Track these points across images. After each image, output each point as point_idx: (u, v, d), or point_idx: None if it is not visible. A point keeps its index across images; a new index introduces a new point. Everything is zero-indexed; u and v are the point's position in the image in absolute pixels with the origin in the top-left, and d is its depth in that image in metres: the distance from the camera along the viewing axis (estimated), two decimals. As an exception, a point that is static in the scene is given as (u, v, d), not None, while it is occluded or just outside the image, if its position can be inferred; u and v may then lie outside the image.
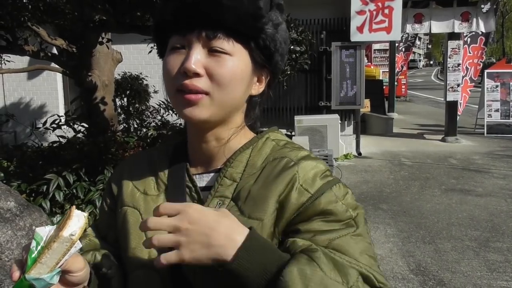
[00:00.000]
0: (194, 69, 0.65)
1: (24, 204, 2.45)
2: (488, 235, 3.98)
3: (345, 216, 0.67)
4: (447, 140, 8.42)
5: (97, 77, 3.87)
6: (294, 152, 0.73)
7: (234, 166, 0.73)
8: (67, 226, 0.57)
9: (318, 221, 0.66)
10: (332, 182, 0.69)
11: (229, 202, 0.70)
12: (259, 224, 0.66)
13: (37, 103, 7.71)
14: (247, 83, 0.72)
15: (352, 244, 0.64)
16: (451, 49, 8.15)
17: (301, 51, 4.03)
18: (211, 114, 0.68)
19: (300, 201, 0.66)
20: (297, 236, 0.65)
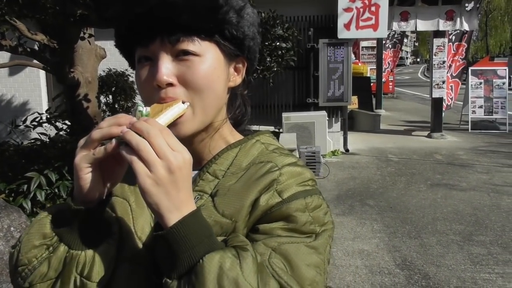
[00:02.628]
0: (166, 80, 0.63)
1: (2, 205, 2.39)
2: (472, 229, 4.03)
3: (307, 229, 0.64)
4: (432, 136, 8.51)
5: (80, 74, 3.80)
6: (281, 157, 0.71)
7: (219, 163, 0.71)
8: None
9: (279, 225, 0.64)
10: (309, 192, 0.67)
11: (207, 197, 0.68)
12: (232, 224, 0.65)
13: (19, 100, 7.55)
14: (224, 79, 0.69)
15: (301, 253, 0.62)
16: (436, 47, 8.23)
17: (287, 48, 4.02)
18: (197, 125, 0.67)
19: (269, 203, 0.65)
20: (253, 234, 0.64)
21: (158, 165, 0.53)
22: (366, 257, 3.52)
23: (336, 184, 5.65)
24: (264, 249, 0.61)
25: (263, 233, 0.63)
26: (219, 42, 0.67)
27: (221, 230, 0.64)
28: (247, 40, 0.70)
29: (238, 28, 0.68)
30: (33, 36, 3.21)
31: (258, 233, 0.64)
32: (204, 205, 0.67)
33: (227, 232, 0.64)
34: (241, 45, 0.70)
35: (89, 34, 3.35)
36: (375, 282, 3.12)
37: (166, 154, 0.54)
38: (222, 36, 0.67)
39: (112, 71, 5.96)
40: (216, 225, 0.64)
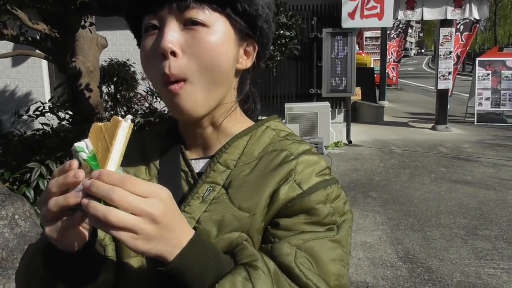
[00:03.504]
0: (170, 48, 0.59)
1: (6, 193, 2.38)
2: (477, 223, 4.00)
3: (329, 220, 0.64)
4: (437, 128, 8.44)
5: (81, 63, 3.76)
6: (295, 145, 0.69)
7: (229, 152, 0.68)
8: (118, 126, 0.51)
9: (300, 219, 0.62)
10: (328, 181, 0.66)
11: (219, 189, 0.65)
12: (249, 217, 0.63)
13: (23, 91, 7.55)
14: (233, 57, 0.65)
15: (326, 249, 0.62)
16: (443, 37, 8.11)
17: (291, 36, 3.96)
18: (198, 102, 0.63)
19: (289, 196, 0.63)
20: (273, 230, 0.63)
21: (139, 224, 0.48)
22: (369, 249, 3.51)
23: (339, 175, 5.62)
24: (289, 249, 0.60)
25: (285, 229, 0.62)
26: (230, 16, 0.63)
27: (238, 224, 0.63)
28: (260, 20, 0.66)
29: (251, 3, 0.64)
30: (34, 26, 3.17)
31: (279, 229, 0.63)
32: (218, 198, 0.64)
33: (244, 226, 0.62)
34: (253, 24, 0.66)
35: (89, 23, 3.31)
36: (377, 274, 3.11)
37: (142, 208, 0.48)
38: (234, 10, 0.63)
39: (114, 61, 5.92)
40: (233, 219, 0.63)
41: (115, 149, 0.51)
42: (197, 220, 0.63)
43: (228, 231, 0.62)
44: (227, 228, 0.62)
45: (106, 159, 0.50)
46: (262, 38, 0.69)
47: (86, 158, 0.51)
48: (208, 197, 0.65)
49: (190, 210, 0.64)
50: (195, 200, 0.65)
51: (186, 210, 0.64)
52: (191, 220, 0.63)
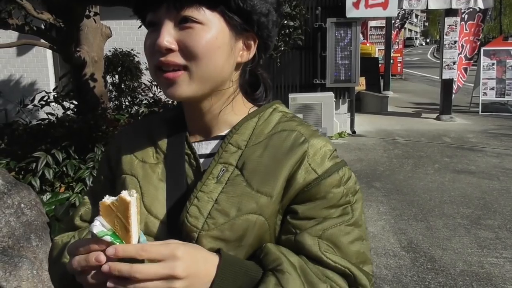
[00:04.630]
0: (165, 45, 0.63)
1: (12, 182, 2.41)
2: (480, 213, 4.01)
3: (343, 201, 0.68)
4: (441, 118, 8.41)
5: (86, 53, 3.77)
6: (304, 127, 0.72)
7: (240, 133, 0.71)
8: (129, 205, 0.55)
9: (318, 205, 0.66)
10: (339, 164, 0.69)
11: (233, 169, 0.68)
12: (268, 200, 0.66)
13: (27, 80, 7.57)
14: (227, 52, 0.68)
15: (344, 234, 0.67)
16: (448, 26, 8.03)
17: (295, 26, 3.94)
18: (193, 90, 0.67)
19: (306, 180, 0.66)
20: (293, 220, 0.67)
21: (166, 286, 0.54)
22: (372, 239, 3.53)
23: (343, 166, 5.62)
24: (311, 240, 0.65)
25: (304, 218, 0.66)
26: (225, 13, 0.66)
27: (256, 206, 0.66)
28: (256, 15, 0.68)
29: (246, 0, 0.66)
30: (39, 15, 3.17)
31: (299, 219, 0.67)
32: (233, 179, 0.67)
33: (262, 209, 0.66)
34: (249, 19, 0.68)
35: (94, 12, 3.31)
36: (380, 264, 3.14)
37: (163, 273, 0.54)
38: (228, 8, 0.66)
39: (118, 51, 5.91)
40: (252, 201, 0.66)
41: (133, 226, 0.56)
42: (215, 200, 0.66)
43: (246, 212, 0.65)
44: (246, 209, 0.66)
45: (128, 237, 0.55)
46: (261, 31, 0.70)
47: (110, 241, 0.55)
48: (223, 178, 0.68)
49: (207, 189, 0.67)
50: (210, 180, 0.68)
51: (203, 190, 0.67)
52: (209, 200, 0.66)
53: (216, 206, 0.66)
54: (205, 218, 0.66)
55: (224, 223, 0.65)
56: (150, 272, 0.53)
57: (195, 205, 0.67)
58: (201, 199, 0.67)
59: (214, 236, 0.65)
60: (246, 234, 0.66)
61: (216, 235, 0.65)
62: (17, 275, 2.08)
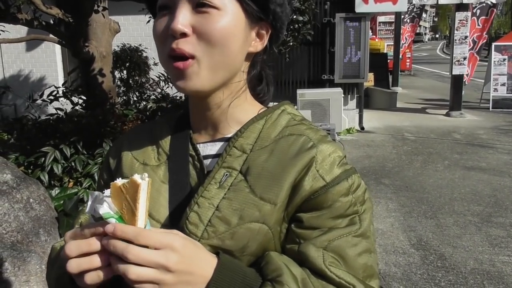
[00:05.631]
0: (180, 29, 0.60)
1: (21, 177, 2.42)
2: (491, 210, 3.96)
3: (351, 210, 0.64)
4: (451, 114, 8.31)
5: (95, 48, 3.77)
6: (313, 131, 0.68)
7: (245, 136, 0.67)
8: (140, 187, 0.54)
9: (324, 215, 0.63)
10: (349, 172, 0.65)
11: (237, 174, 0.65)
12: (272, 207, 0.63)
13: (36, 76, 7.61)
14: (242, 40, 0.65)
15: (351, 246, 0.63)
16: (458, 21, 7.92)
17: (304, 21, 3.90)
18: (204, 82, 0.64)
19: (313, 188, 0.63)
20: (298, 229, 0.63)
21: (157, 276, 0.52)
22: (381, 236, 3.50)
23: (351, 162, 5.46)
24: (316, 252, 0.61)
25: (309, 227, 0.63)
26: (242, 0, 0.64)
27: (259, 214, 0.63)
28: (273, 4, 0.66)
29: None
30: (48, 10, 3.16)
31: (304, 228, 0.63)
32: (236, 185, 0.64)
33: (266, 217, 0.62)
34: (266, 7, 0.66)
35: (102, 7, 3.30)
36: (389, 261, 3.11)
37: (156, 261, 0.52)
38: None
39: (126, 46, 5.91)
40: (255, 209, 0.62)
41: (140, 211, 0.54)
42: (216, 207, 0.63)
43: (248, 221, 0.62)
44: (248, 218, 0.62)
45: (134, 222, 0.54)
46: (276, 21, 0.68)
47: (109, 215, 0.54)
48: (225, 183, 0.65)
49: (208, 195, 0.64)
50: (212, 185, 0.65)
51: (204, 195, 0.64)
52: (210, 207, 0.63)
53: (217, 213, 0.63)
54: (205, 226, 0.63)
55: (224, 232, 0.62)
56: (142, 256, 0.51)
57: (195, 212, 0.64)
58: (202, 205, 0.64)
59: (214, 245, 0.62)
60: (248, 243, 0.62)
61: (216, 244, 0.62)
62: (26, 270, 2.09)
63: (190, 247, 0.56)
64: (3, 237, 2.13)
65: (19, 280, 2.05)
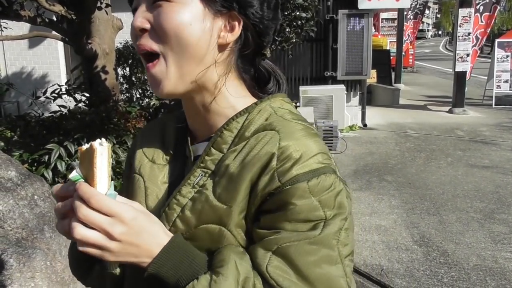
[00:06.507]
0: (138, 25, 0.62)
1: (25, 174, 2.43)
2: (494, 207, 3.96)
3: (313, 216, 0.57)
4: (454, 111, 8.29)
5: (97, 45, 3.76)
6: (290, 124, 0.63)
7: (224, 136, 0.65)
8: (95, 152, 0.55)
9: (280, 217, 0.58)
10: (315, 172, 0.58)
11: (209, 175, 0.64)
12: (226, 209, 0.60)
13: (39, 73, 7.62)
14: (200, 29, 0.62)
15: (303, 252, 0.57)
16: (461, 17, 7.89)
17: (307, 18, 3.89)
18: (174, 80, 0.63)
19: (267, 189, 0.58)
20: (256, 228, 0.61)
21: (101, 240, 0.54)
22: (384, 233, 3.50)
23: (354, 159, 5.60)
24: (263, 253, 0.58)
25: (264, 227, 0.59)
26: None
27: (215, 216, 0.61)
28: None
29: None
30: (50, 7, 3.16)
31: (260, 227, 0.60)
32: (204, 186, 0.63)
33: (222, 219, 0.60)
34: None
35: (106, 4, 3.30)
36: (392, 257, 3.11)
37: (102, 226, 0.54)
38: None
39: (129, 43, 5.91)
40: (210, 210, 0.61)
41: (98, 175, 0.55)
42: (182, 208, 0.63)
43: (205, 222, 0.61)
44: (205, 219, 0.61)
45: (93, 185, 0.55)
46: (245, 9, 0.64)
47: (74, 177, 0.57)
48: (197, 184, 0.64)
49: (180, 197, 0.64)
50: (186, 187, 0.64)
51: (176, 196, 0.64)
52: (177, 208, 0.64)
53: (180, 214, 0.63)
54: (169, 227, 0.63)
55: (185, 233, 0.62)
56: (90, 217, 0.53)
57: (164, 213, 0.64)
58: (171, 207, 0.64)
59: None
60: (208, 245, 0.61)
61: None
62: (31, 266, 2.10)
63: (141, 220, 0.56)
64: (8, 233, 2.15)
65: (24, 277, 2.06)
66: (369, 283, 2.84)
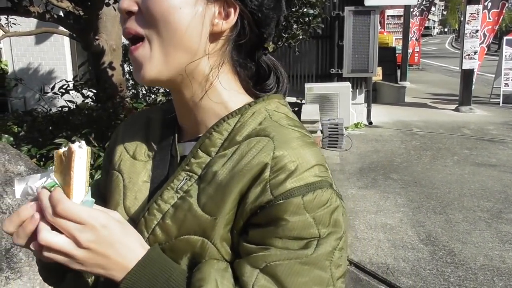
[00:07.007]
0: (125, 8, 0.58)
1: (34, 169, 2.44)
2: (501, 207, 3.93)
3: (306, 233, 0.53)
4: (460, 109, 8.24)
5: (105, 41, 3.78)
6: (285, 131, 0.58)
7: (213, 138, 0.60)
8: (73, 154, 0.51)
9: (270, 233, 0.54)
10: (311, 186, 0.54)
11: (195, 180, 0.59)
12: (211, 221, 0.55)
13: (45, 69, 7.66)
14: (191, 14, 0.57)
15: (293, 273, 0.53)
16: (469, 14, 7.82)
17: (315, 15, 3.87)
18: (158, 66, 0.58)
19: (258, 202, 0.54)
20: (243, 242, 0.56)
21: (67, 247, 0.50)
22: (389, 231, 3.49)
23: (359, 157, 5.58)
24: (249, 271, 0.53)
25: (253, 242, 0.55)
26: None
27: (198, 227, 0.56)
28: None
29: None
30: (58, 3, 3.18)
31: (247, 242, 0.55)
32: (189, 192, 0.58)
33: (206, 231, 0.56)
34: None
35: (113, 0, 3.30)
36: (398, 256, 3.11)
37: (70, 232, 0.50)
38: None
39: (135, 39, 5.90)
40: (194, 221, 0.56)
41: (75, 180, 0.52)
42: (163, 215, 0.58)
43: (186, 233, 0.57)
44: (187, 230, 0.56)
45: (69, 191, 0.52)
46: None
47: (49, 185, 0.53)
48: (181, 188, 0.59)
49: (161, 202, 0.59)
50: (168, 191, 0.59)
51: (157, 202, 0.59)
52: (158, 214, 0.59)
53: (161, 221, 0.58)
54: (148, 234, 0.58)
55: (164, 243, 0.57)
56: (58, 221, 0.50)
57: (144, 218, 0.59)
58: (151, 212, 0.59)
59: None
60: (189, 257, 0.57)
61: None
62: (40, 260, 2.13)
63: (114, 230, 0.52)
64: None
65: (33, 270, 2.08)
66: (374, 281, 2.83)
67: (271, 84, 0.67)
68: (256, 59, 0.67)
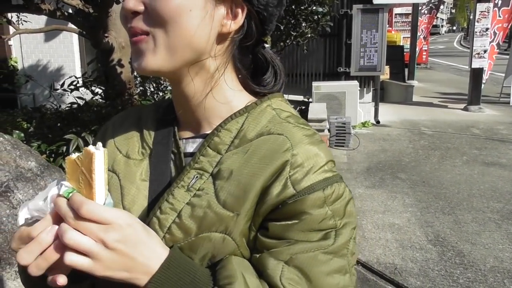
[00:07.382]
0: (131, 8, 0.56)
1: (45, 164, 2.46)
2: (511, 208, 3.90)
3: (326, 225, 0.57)
4: (469, 109, 8.17)
5: (114, 39, 3.79)
6: (296, 130, 0.60)
7: (222, 135, 0.60)
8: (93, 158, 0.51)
9: (292, 226, 0.56)
10: (329, 180, 0.57)
11: (207, 177, 0.59)
12: (233, 217, 0.56)
13: (54, 66, 7.71)
14: (200, 16, 0.57)
15: (319, 263, 0.56)
16: (479, 12, 7.74)
17: (323, 13, 3.85)
18: (160, 61, 0.57)
19: (281, 197, 0.56)
20: (264, 237, 0.57)
21: (94, 247, 0.49)
22: (397, 231, 3.48)
23: (367, 156, 5.56)
24: (275, 264, 0.55)
25: (274, 237, 0.56)
26: None
27: (220, 224, 0.57)
28: None
29: None
30: (68, 1, 3.19)
31: (268, 237, 0.57)
32: (203, 189, 0.58)
33: (228, 227, 0.57)
34: None
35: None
36: (405, 256, 3.09)
37: (93, 230, 0.48)
38: None
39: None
40: (216, 218, 0.57)
41: (97, 183, 0.51)
42: (178, 213, 0.58)
43: (208, 230, 0.57)
44: (209, 227, 0.57)
45: (91, 194, 0.51)
46: None
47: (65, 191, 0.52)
48: (193, 186, 0.59)
49: (173, 200, 0.59)
50: (179, 189, 0.59)
51: (168, 199, 0.59)
52: (172, 212, 0.58)
53: (177, 220, 0.57)
54: (164, 233, 0.57)
55: (183, 241, 0.57)
56: (82, 224, 0.48)
57: (156, 217, 0.58)
58: (164, 211, 0.58)
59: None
60: (208, 254, 0.57)
61: None
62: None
63: (138, 230, 0.52)
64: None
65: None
66: (382, 281, 2.82)
67: (268, 78, 0.67)
68: (255, 53, 0.67)
